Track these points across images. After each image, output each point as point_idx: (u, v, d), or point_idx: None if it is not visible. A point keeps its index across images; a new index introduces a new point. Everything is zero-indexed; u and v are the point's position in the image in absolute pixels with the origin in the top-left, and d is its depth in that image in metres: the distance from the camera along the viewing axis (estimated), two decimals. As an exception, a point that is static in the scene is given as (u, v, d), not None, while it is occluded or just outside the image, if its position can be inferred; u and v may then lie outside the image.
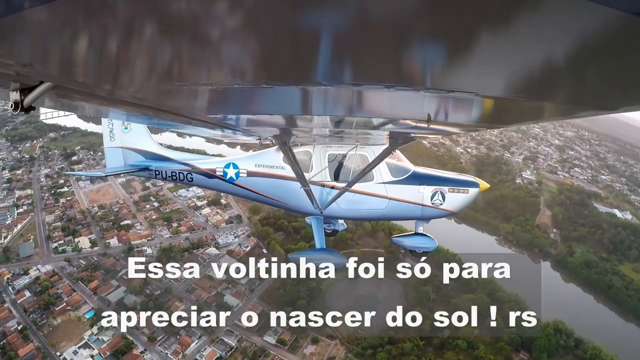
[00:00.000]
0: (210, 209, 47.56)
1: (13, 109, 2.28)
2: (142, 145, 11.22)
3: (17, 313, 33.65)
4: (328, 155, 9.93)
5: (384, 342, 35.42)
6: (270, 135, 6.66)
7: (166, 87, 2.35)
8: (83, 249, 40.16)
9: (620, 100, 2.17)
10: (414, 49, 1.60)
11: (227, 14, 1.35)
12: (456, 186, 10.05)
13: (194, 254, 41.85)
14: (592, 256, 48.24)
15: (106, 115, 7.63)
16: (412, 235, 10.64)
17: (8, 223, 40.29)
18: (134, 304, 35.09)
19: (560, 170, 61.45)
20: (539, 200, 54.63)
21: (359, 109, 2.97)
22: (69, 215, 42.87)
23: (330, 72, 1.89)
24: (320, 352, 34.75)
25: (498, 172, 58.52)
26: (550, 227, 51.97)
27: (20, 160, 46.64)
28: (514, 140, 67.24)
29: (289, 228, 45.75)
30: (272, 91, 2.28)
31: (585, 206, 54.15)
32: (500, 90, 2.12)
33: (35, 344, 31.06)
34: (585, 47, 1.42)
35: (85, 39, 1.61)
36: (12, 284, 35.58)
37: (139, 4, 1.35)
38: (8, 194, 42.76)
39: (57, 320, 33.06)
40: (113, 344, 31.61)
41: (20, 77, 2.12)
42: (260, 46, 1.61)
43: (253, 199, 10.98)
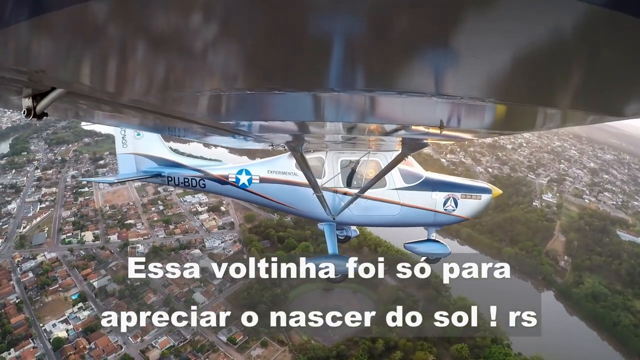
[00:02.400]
0: (208, 214, 50.80)
1: (25, 115, 2.27)
2: (154, 152, 11.34)
3: (18, 289, 39.17)
4: (340, 162, 10.01)
5: (332, 355, 35.55)
6: (282, 141, 6.71)
7: (179, 94, 2.36)
8: (86, 241, 45.18)
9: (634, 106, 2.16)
10: (426, 55, 1.61)
11: (240, 20, 1.36)
12: (468, 192, 10.07)
13: (179, 254, 45.14)
14: (602, 288, 43.71)
15: (118, 123, 7.94)
16: (424, 241, 10.65)
17: (29, 215, 46.63)
18: (112, 291, 39.35)
19: (588, 194, 56.46)
20: (553, 225, 50.70)
21: (371, 115, 2.99)
22: (83, 212, 48.39)
23: (342, 79, 1.90)
24: (267, 356, 35.76)
25: (515, 193, 55.26)
26: (561, 254, 47.96)
27: (53, 162, 53.71)
28: (545, 161, 62.98)
29: (274, 237, 47.51)
30: (284, 97, 2.30)
31: (607, 233, 49.18)
32: (512, 96, 2.13)
33: (26, 315, 36.34)
34: (597, 53, 1.43)
35: (97, 45, 1.61)
36: (20, 265, 41.34)
37: (152, 10, 1.35)
38: (36, 191, 49.49)
39: (48, 298, 38.35)
40: (86, 322, 36.12)
41: (33, 83, 2.12)
42: (272, 52, 1.61)
43: (265, 205, 11.12)
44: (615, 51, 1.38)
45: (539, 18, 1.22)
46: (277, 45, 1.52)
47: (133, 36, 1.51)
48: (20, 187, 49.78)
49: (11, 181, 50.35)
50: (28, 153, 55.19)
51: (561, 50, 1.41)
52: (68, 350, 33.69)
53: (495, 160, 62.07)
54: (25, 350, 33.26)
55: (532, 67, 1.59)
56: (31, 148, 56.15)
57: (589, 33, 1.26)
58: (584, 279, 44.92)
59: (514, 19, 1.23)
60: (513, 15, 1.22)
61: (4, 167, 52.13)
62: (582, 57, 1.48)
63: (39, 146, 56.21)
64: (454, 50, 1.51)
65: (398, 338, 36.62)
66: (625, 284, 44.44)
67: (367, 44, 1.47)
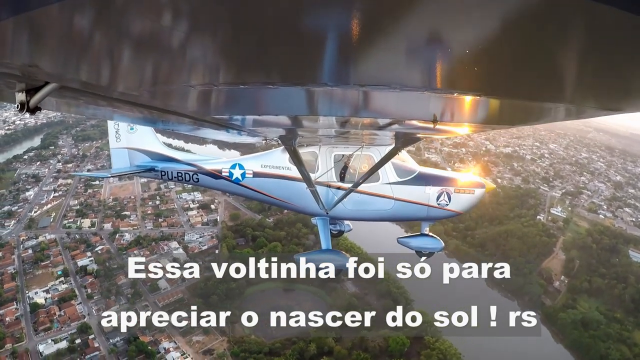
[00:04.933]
0: (197, 211, 53.53)
1: (19, 109, 2.24)
2: (148, 146, 11.31)
3: (17, 262, 44.89)
4: (334, 156, 10.00)
5: (264, 350, 35.70)
6: (276, 135, 6.74)
7: (172, 88, 2.39)
8: (83, 227, 49.91)
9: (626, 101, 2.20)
10: (419, 49, 1.62)
11: (233, 14, 1.36)
12: (462, 187, 10.10)
13: (158, 244, 48.23)
14: (596, 314, 38.67)
15: (111, 117, 7.82)
16: (418, 235, 10.71)
17: (42, 202, 52.54)
18: (91, 270, 43.76)
19: (604, 209, 50.37)
20: (554, 241, 45.88)
21: (364, 109, 3.01)
22: (88, 202, 53.46)
23: (336, 73, 1.92)
24: (206, 342, 36.86)
25: (520, 205, 50.99)
26: (557, 274, 43.25)
27: (75, 157, 59.95)
28: (564, 173, 57.32)
29: (249, 236, 49.01)
30: (278, 92, 2.32)
31: (616, 253, 43.44)
32: (506, 91, 2.16)
33: (17, 283, 41.93)
34: (591, 48, 1.45)
35: (90, 39, 1.61)
36: (23, 243, 47.00)
37: (144, 4, 1.34)
38: (53, 181, 55.60)
39: (39, 271, 43.65)
40: (63, 293, 41.08)
41: (26, 77, 2.11)
42: (266, 47, 1.61)
43: (259, 199, 11.11)
44: (608, 46, 1.38)
45: (533, 13, 1.22)
46: (271, 39, 1.53)
47: (125, 30, 1.51)
48: (41, 177, 56.29)
49: (34, 172, 57.12)
50: (55, 147, 62.28)
51: (554, 44, 1.44)
52: (41, 314, 38.94)
53: (509, 170, 57.87)
54: (7, 310, 38.98)
55: (524, 62, 1.62)
56: (59, 143, 63.25)
57: (582, 28, 1.28)
58: (578, 303, 40.14)
59: (507, 14, 1.24)
60: (507, 10, 1.23)
61: (31, 159, 59.31)
62: (575, 51, 1.50)
63: (66, 142, 63.04)
64: (447, 45, 1.53)
65: (334, 344, 35.80)
66: (627, 312, 38.93)
67: (360, 38, 1.47)
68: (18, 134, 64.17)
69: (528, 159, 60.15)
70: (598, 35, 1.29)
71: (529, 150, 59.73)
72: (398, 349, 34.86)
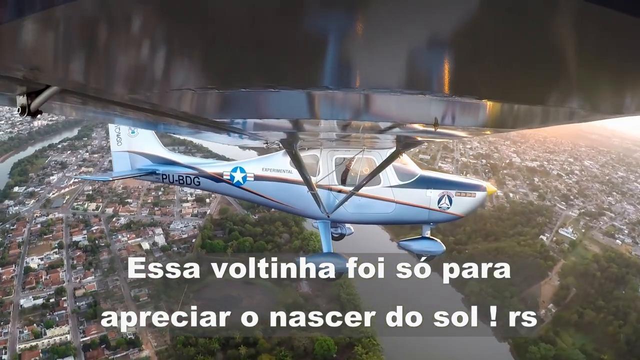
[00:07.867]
0: (191, 203, 55.65)
1: (20, 113, 2.25)
2: (149, 150, 11.37)
3: (26, 233, 50.63)
4: (335, 159, 10.04)
5: (190, 342, 35.82)
6: (277, 139, 6.76)
7: (174, 92, 2.36)
8: (88, 210, 54.46)
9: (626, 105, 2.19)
10: (420, 53, 1.61)
11: (234, 17, 1.36)
12: (463, 190, 10.09)
13: (145, 229, 51.21)
14: (577, 354, 32.50)
15: (112, 120, 7.91)
16: (419, 239, 10.69)
17: (62, 186, 58.22)
18: (81, 245, 48.93)
19: (625, 234, 42.64)
20: (550, 265, 39.70)
21: (366, 113, 3.03)
22: (100, 188, 58.16)
23: (337, 76, 1.92)
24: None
25: (525, 223, 45.26)
26: (545, 301, 37.31)
27: (102, 148, 65.51)
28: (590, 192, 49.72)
29: (227, 229, 49.82)
30: (279, 95, 2.30)
31: (623, 284, 36.46)
32: (506, 94, 2.17)
33: (21, 251, 48.26)
34: (591, 51, 1.44)
35: (91, 42, 1.61)
36: (36, 219, 52.75)
37: (145, 8, 1.33)
38: (77, 169, 61.31)
39: (40, 242, 49.64)
40: (53, 262, 46.80)
41: (27, 81, 2.09)
42: (267, 50, 1.61)
43: (260, 202, 11.11)
44: (609, 48, 1.39)
45: (534, 16, 1.23)
46: (272, 42, 1.54)
47: (127, 33, 1.52)
48: (67, 164, 62.39)
49: (64, 159, 63.47)
50: (87, 139, 68.66)
51: (555, 47, 1.45)
52: (31, 276, 45.27)
53: (527, 185, 51.82)
54: (6, 270, 45.76)
55: (524, 66, 1.63)
56: (92, 135, 69.59)
57: (582, 29, 1.28)
58: (560, 337, 34.21)
59: (508, 17, 1.25)
60: (508, 14, 1.24)
61: (64, 148, 66.03)
62: (576, 54, 1.51)
63: (100, 134, 69.11)
64: (448, 49, 1.56)
65: (261, 337, 34.73)
66: (618, 354, 32.43)
67: (361, 42, 1.49)
68: (59, 125, 71.92)
69: (554, 174, 53.47)
70: (598, 37, 1.28)
71: (559, 166, 53.09)
72: (322, 353, 32.76)
